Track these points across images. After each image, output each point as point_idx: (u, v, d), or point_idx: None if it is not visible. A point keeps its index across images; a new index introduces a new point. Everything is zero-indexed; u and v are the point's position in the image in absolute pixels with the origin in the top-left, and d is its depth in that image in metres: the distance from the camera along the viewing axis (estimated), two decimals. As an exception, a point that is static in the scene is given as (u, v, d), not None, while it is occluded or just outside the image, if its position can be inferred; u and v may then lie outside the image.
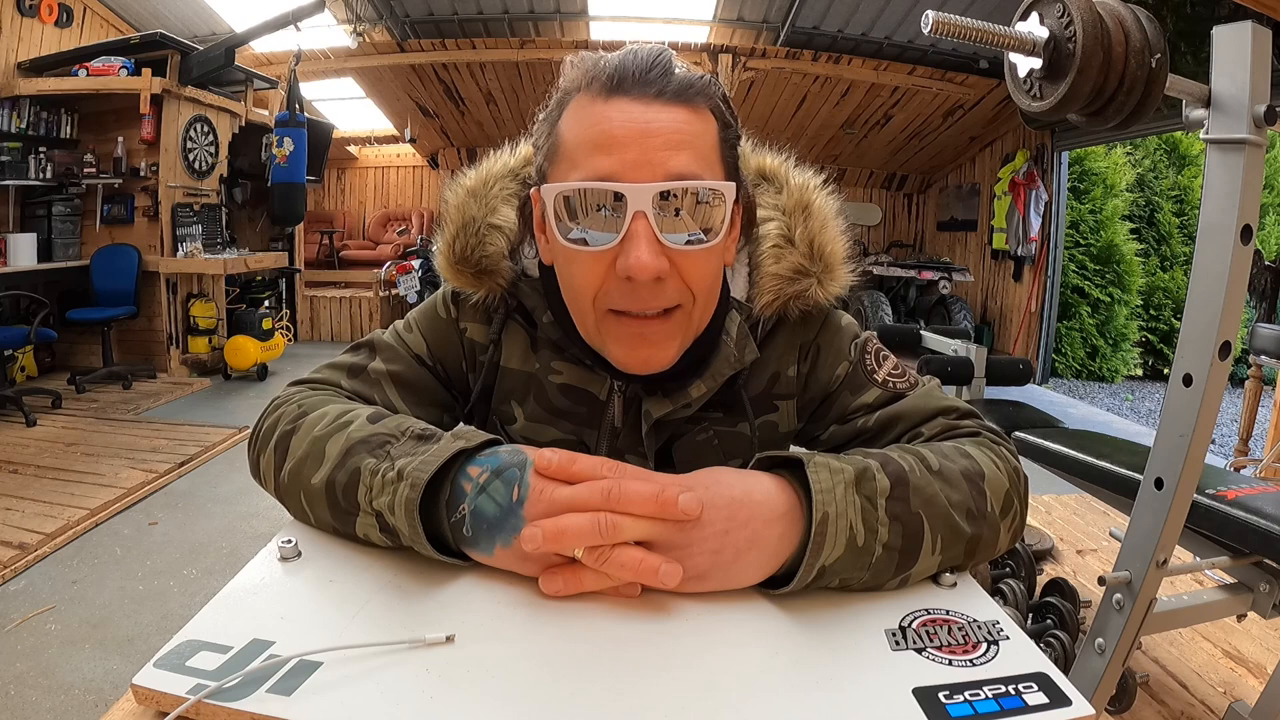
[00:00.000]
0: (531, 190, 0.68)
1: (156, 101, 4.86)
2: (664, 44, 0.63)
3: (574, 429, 0.75)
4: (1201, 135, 0.94)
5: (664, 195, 0.58)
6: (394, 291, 6.73)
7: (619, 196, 0.58)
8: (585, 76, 0.62)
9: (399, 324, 0.80)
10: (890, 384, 0.73)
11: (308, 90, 6.01)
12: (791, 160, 0.77)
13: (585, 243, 0.60)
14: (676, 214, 0.59)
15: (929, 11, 0.74)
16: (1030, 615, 1.81)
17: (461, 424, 0.78)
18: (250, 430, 0.70)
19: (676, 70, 0.61)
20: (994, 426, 0.70)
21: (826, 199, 0.74)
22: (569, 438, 0.75)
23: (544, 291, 0.72)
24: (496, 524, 0.54)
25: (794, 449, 0.63)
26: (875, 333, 0.79)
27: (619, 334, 0.64)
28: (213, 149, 5.40)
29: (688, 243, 0.60)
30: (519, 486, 0.54)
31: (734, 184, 0.63)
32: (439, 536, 0.56)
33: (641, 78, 0.59)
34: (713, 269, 0.63)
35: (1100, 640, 1.16)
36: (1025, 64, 0.81)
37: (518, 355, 0.76)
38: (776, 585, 0.54)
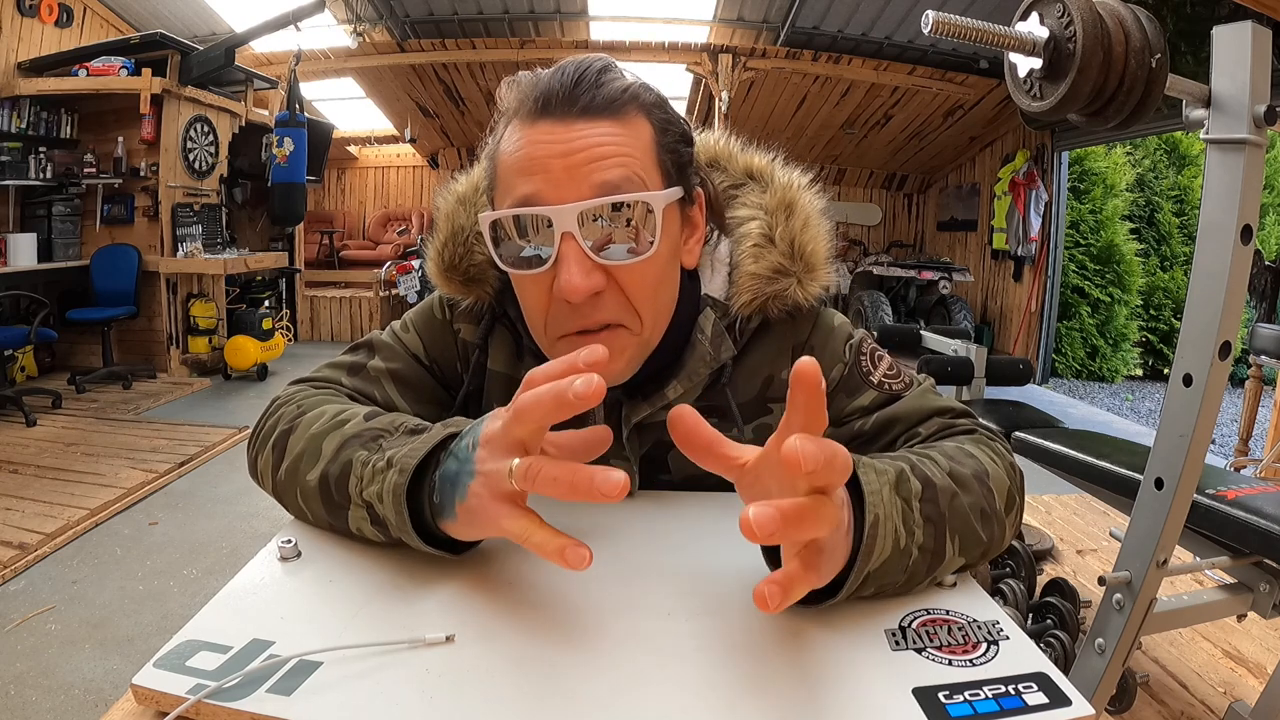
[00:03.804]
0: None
1: (156, 101, 4.87)
2: (603, 55, 0.62)
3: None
4: (1201, 135, 0.94)
5: (590, 213, 0.57)
6: (394, 291, 6.74)
7: (548, 220, 0.58)
8: (516, 101, 0.62)
9: (396, 324, 0.80)
10: (886, 385, 0.72)
11: (308, 90, 6.02)
12: (780, 159, 0.76)
13: (537, 260, 0.59)
14: (607, 228, 0.58)
15: (929, 11, 0.74)
16: (1030, 615, 1.81)
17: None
18: (250, 430, 0.70)
19: (605, 81, 0.60)
20: (988, 425, 0.70)
21: (811, 198, 0.73)
22: None
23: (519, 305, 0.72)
24: (454, 479, 0.51)
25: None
26: (869, 332, 0.78)
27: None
28: (213, 149, 5.41)
29: (624, 253, 0.59)
30: (475, 436, 0.51)
31: (672, 190, 0.61)
32: (428, 528, 0.54)
33: (566, 95, 0.59)
34: (652, 279, 0.62)
35: (1100, 640, 1.16)
36: (1025, 64, 0.81)
37: (503, 359, 0.76)
38: (820, 598, 0.50)
